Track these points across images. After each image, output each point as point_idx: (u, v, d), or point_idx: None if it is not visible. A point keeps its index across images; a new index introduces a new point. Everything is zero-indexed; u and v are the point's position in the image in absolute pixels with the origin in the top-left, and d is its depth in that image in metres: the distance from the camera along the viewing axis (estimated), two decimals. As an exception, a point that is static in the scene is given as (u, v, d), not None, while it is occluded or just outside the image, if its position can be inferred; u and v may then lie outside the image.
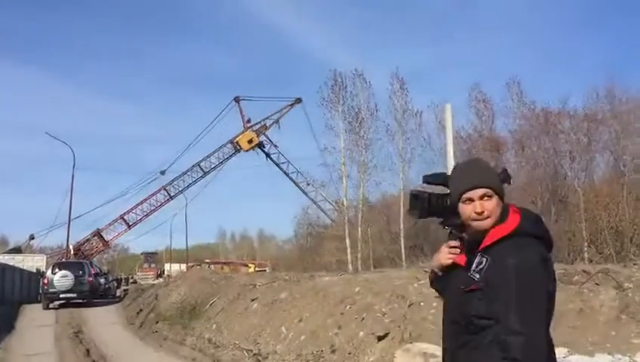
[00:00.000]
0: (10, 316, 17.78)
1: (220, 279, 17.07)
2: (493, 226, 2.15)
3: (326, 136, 31.99)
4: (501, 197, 2.17)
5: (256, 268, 57.17)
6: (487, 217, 2.14)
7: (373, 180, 31.63)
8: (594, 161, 26.01)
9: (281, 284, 11.70)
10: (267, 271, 58.93)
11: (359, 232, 31.24)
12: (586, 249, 21.08)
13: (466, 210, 2.17)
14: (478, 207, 2.14)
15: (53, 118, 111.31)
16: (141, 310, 17.32)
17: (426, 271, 9.88)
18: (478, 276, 2.12)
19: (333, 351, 7.83)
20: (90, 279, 21.53)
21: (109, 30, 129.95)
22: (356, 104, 31.73)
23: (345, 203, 31.72)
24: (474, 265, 2.16)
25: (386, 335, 7.19)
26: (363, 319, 8.11)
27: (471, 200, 2.16)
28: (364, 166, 31.32)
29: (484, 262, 2.13)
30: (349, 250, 31.08)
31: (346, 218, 31.54)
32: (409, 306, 7.80)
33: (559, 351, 5.85)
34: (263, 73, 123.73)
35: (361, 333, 7.76)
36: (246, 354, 9.26)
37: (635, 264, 10.48)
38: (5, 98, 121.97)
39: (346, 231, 31.22)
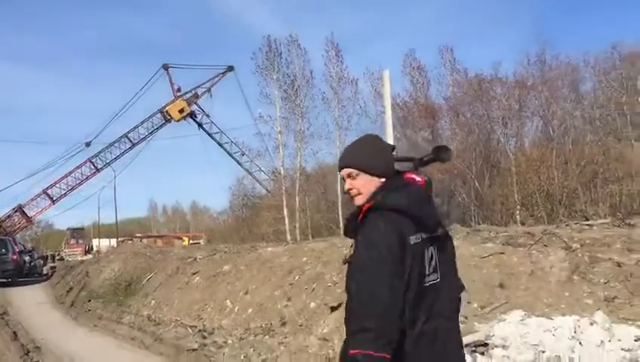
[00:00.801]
0: None
1: (155, 253, 16.39)
2: (367, 202, 2.17)
3: (261, 104, 31.25)
4: (373, 173, 2.20)
5: (191, 241, 56.16)
6: (358, 194, 2.22)
7: (310, 149, 31.32)
8: (525, 126, 26.79)
9: (223, 256, 11.24)
10: (202, 243, 58.00)
11: (297, 202, 30.98)
12: (518, 212, 21.76)
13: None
14: (346, 185, 2.26)
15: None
16: (71, 288, 16.35)
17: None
18: (352, 252, 2.16)
19: (283, 324, 7.52)
20: (15, 257, 20.13)
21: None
22: (291, 71, 31.09)
23: (282, 172, 31.26)
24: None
25: (339, 305, 6.93)
26: (313, 290, 7.83)
27: (344, 179, 2.29)
28: (300, 134, 30.90)
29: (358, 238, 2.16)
30: (287, 220, 30.81)
31: (284, 188, 31.14)
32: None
33: (516, 314, 5.80)
34: (192, 40, 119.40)
35: (313, 304, 7.49)
36: (190, 330, 8.80)
37: (566, 225, 10.76)
38: None
39: (284, 201, 30.88)
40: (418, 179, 2.21)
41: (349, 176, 2.24)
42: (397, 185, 2.18)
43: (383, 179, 2.21)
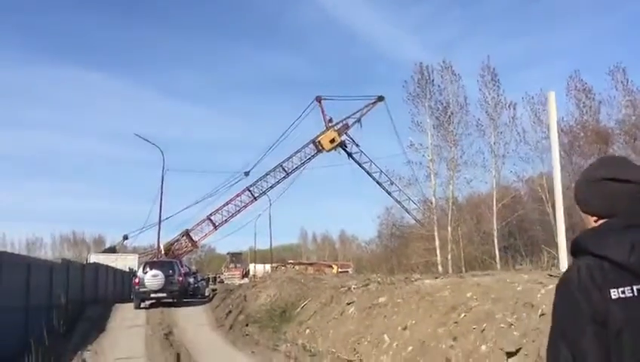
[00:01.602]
0: (103, 315, 17.99)
1: (308, 280, 16.41)
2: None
3: (412, 132, 30.65)
4: (585, 210, 1.81)
5: (339, 270, 56.64)
6: None
7: (464, 177, 30.00)
8: None
9: (379, 287, 10.75)
10: (350, 272, 58.27)
11: (449, 232, 29.70)
12: None
13: None
14: None
15: (141, 124, 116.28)
16: (230, 311, 16.96)
17: (551, 276, 8.62)
18: None
19: (449, 367, 6.80)
20: (180, 279, 21.52)
21: (191, 38, 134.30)
22: (444, 98, 30.23)
23: (434, 202, 30.26)
24: None
25: (518, 351, 6.08)
26: (483, 330, 7.01)
27: None
28: (453, 163, 29.75)
29: None
30: (438, 251, 29.63)
31: (435, 218, 30.07)
32: (540, 316, 6.63)
33: None
34: (342, 74, 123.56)
35: (484, 347, 6.68)
36: (346, 364, 8.41)
37: None
38: (101, 106, 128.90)
39: (436, 232, 29.78)
40: None
41: None
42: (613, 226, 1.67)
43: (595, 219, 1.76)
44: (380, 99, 50.12)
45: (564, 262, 13.52)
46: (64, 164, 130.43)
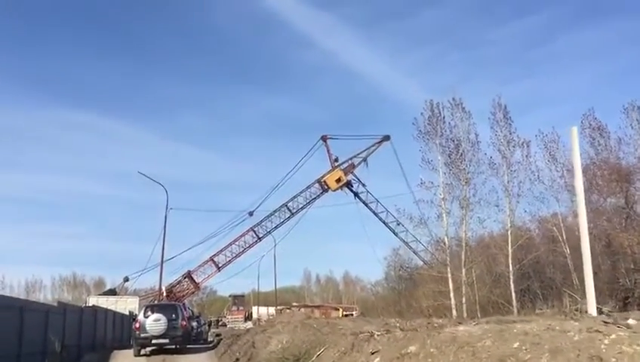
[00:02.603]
0: (101, 364, 16.84)
1: (321, 325, 15.32)
2: None
3: (423, 170, 29.82)
4: None
5: (344, 313, 55.07)
6: None
7: (477, 216, 29.04)
8: None
9: (407, 335, 9.71)
10: (354, 315, 56.67)
11: (463, 274, 28.56)
12: None
13: None
14: None
15: (144, 166, 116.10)
16: (237, 359, 15.78)
17: (606, 323, 7.65)
18: None
19: None
20: (184, 323, 20.30)
21: (196, 82, 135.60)
22: (454, 135, 29.57)
23: (446, 242, 29.20)
24: None
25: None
26: (545, 388, 6.01)
27: None
28: (465, 201, 28.86)
29: None
30: (452, 294, 28.41)
31: (448, 259, 28.98)
32: (615, 373, 5.66)
33: None
34: (347, 115, 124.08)
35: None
36: (377, 425, 7.34)
37: None
38: (100, 148, 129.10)
39: (449, 274, 28.65)
40: None
41: None
42: None
43: None
44: (386, 138, 49.74)
45: (592, 307, 12.46)
46: (65, 206, 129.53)
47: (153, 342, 19.60)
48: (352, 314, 57.60)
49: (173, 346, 19.80)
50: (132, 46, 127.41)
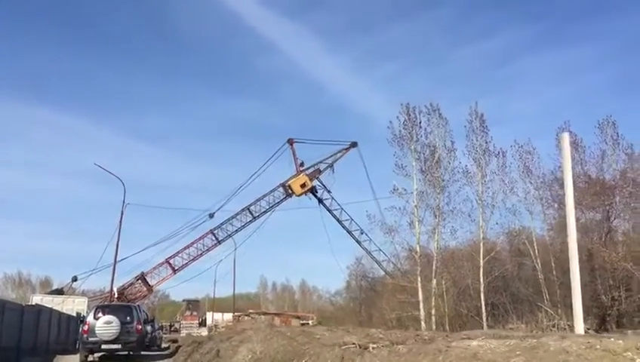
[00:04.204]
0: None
1: (295, 334, 13.86)
2: None
3: (396, 176, 28.65)
4: None
5: (301, 322, 53.62)
6: None
7: (451, 226, 28.13)
8: None
9: (414, 349, 8.39)
10: (310, 324, 55.22)
11: (434, 284, 27.57)
12: None
13: None
14: None
15: (101, 164, 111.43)
16: (200, 369, 14.15)
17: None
18: None
19: None
20: (139, 327, 18.31)
21: (159, 82, 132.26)
22: (430, 141, 28.66)
23: (418, 251, 28.14)
24: None
25: None
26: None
27: None
28: (439, 210, 27.95)
29: None
30: (421, 305, 27.34)
31: (419, 268, 27.92)
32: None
33: None
34: (312, 122, 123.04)
35: None
36: None
37: None
38: (55, 142, 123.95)
39: (419, 284, 27.57)
40: None
41: None
42: None
43: None
44: (354, 145, 48.87)
45: (579, 325, 11.48)
46: (15, 202, 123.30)
47: (103, 347, 17.55)
48: (307, 323, 56.23)
49: (126, 352, 17.93)
50: (96, 43, 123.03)
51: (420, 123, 28.68)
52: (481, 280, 27.32)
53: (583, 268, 25.03)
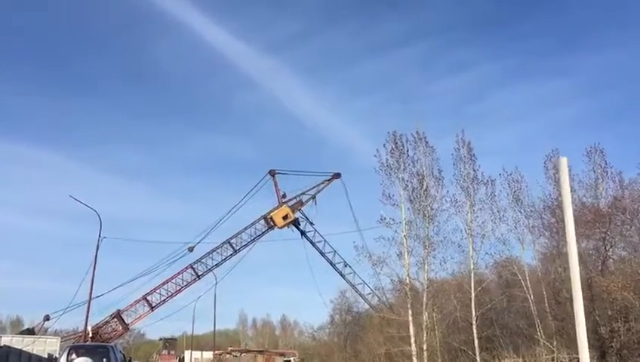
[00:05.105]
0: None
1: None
2: None
3: (384, 206, 27.83)
4: None
5: (284, 359, 51.92)
6: None
7: (441, 257, 27.33)
8: None
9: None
10: (293, 361, 53.41)
11: (425, 318, 26.59)
12: None
13: None
14: None
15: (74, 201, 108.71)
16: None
17: None
18: None
19: None
20: (118, 370, 17.08)
21: (136, 119, 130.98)
22: (418, 170, 28.08)
23: (409, 282, 27.25)
24: None
25: None
26: None
27: None
28: (428, 240, 27.19)
29: None
30: (412, 339, 26.32)
31: (410, 300, 26.97)
32: None
33: None
34: (292, 158, 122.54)
35: None
36: None
37: None
38: (28, 180, 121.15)
39: (410, 317, 26.60)
40: None
41: None
42: None
43: None
44: (337, 176, 48.36)
45: (586, 359, 10.71)
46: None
47: (78, 392, 16.25)
48: (290, 361, 54.44)
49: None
50: (72, 80, 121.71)
51: (408, 151, 28.18)
52: (474, 312, 26.50)
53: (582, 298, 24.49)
